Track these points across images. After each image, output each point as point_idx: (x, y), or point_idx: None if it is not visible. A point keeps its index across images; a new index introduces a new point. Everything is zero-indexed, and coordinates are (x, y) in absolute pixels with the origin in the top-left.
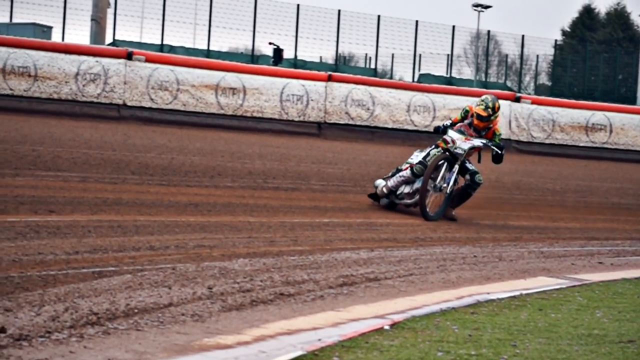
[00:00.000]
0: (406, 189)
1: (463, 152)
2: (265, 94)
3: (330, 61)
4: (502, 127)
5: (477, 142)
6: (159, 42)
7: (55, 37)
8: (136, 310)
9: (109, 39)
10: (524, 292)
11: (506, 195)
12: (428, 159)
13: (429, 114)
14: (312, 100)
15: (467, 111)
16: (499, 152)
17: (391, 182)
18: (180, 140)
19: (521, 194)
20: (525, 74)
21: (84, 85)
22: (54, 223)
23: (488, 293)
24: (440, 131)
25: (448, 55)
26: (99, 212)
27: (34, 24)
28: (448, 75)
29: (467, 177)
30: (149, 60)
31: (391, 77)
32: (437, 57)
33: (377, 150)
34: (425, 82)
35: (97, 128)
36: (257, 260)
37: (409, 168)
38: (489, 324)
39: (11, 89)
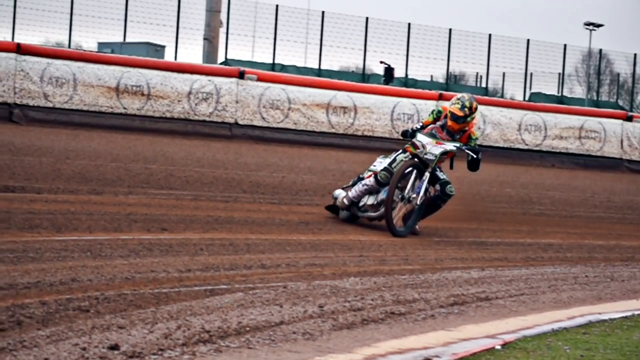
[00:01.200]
0: (370, 200)
1: (434, 158)
2: (376, 112)
3: (441, 80)
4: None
5: (450, 146)
6: (271, 61)
7: (168, 56)
8: (248, 328)
9: (221, 58)
10: (637, 312)
11: (618, 215)
12: (394, 165)
13: (540, 133)
14: (423, 119)
15: (440, 112)
16: (475, 156)
17: (352, 193)
18: (291, 158)
19: (633, 213)
20: (637, 93)
21: (196, 104)
22: (166, 241)
23: (600, 313)
24: (409, 135)
25: (559, 74)
26: (211, 230)
27: (147, 43)
28: (559, 94)
29: (437, 187)
30: (260, 79)
31: (502, 96)
32: (548, 75)
33: (488, 169)
34: (536, 101)
35: (209, 146)
36: (368, 279)
37: (373, 176)
38: (600, 344)
39: (125, 108)
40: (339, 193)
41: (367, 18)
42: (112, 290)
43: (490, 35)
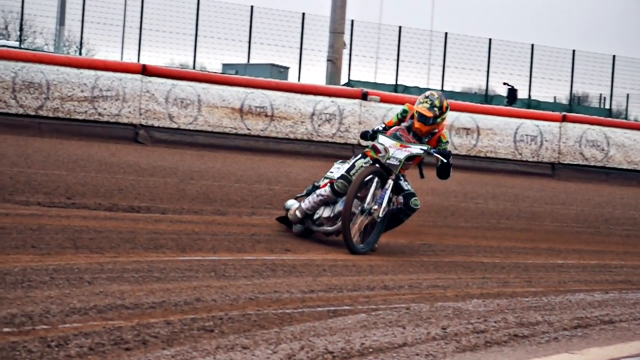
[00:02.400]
0: (325, 212)
1: (398, 164)
2: (499, 134)
3: (564, 101)
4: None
5: (417, 149)
6: (393, 83)
7: (292, 78)
8: (371, 350)
9: (344, 79)
10: None
11: None
12: (353, 172)
13: None
14: (546, 140)
15: (405, 111)
16: (445, 161)
17: (306, 204)
18: (414, 180)
19: None
20: None
21: (319, 125)
22: (289, 262)
23: None
24: (369, 137)
25: None
26: (333, 251)
27: (271, 64)
28: None
29: (400, 199)
30: (383, 100)
31: (626, 118)
32: None
33: (612, 191)
34: None
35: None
36: (491, 301)
37: (329, 185)
38: None
39: (248, 129)
40: (292, 204)
41: (490, 39)
42: (236, 311)
43: (614, 56)
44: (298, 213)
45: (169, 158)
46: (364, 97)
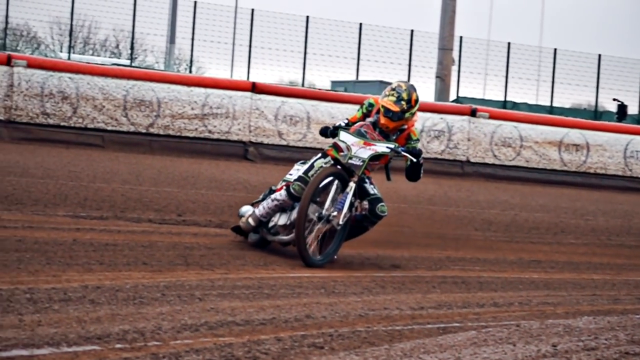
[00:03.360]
0: (281, 219)
1: (361, 164)
2: (609, 150)
3: None
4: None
5: (382, 147)
6: (502, 99)
7: None
8: None
9: (452, 95)
10: None
11: None
12: (311, 173)
13: None
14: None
15: (371, 105)
16: (414, 160)
17: (260, 210)
18: (524, 196)
19: None
20: None
21: (428, 142)
22: (398, 278)
23: None
24: (329, 133)
25: None
26: (443, 267)
27: (379, 81)
28: None
29: (365, 204)
30: (492, 116)
31: None
32: None
33: None
34: None
35: (440, 184)
36: (602, 318)
37: (284, 188)
38: None
39: None
40: (246, 210)
41: (599, 55)
42: (346, 327)
43: None
44: (251, 220)
45: (278, 175)
46: (473, 113)
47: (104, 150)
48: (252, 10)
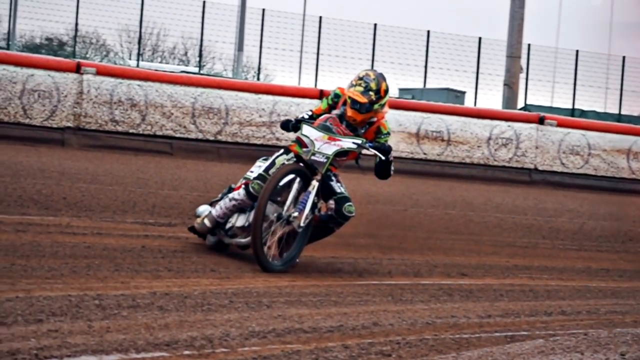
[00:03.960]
0: (239, 221)
1: (325, 161)
2: None
3: None
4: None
5: (349, 143)
6: (570, 107)
7: (468, 102)
8: None
9: (520, 103)
10: None
11: None
12: (272, 171)
13: None
14: None
15: (337, 95)
16: (383, 158)
17: (217, 210)
18: (592, 204)
19: None
20: None
21: (495, 150)
22: (466, 286)
23: None
24: (291, 127)
25: None
26: (511, 276)
27: (447, 89)
28: None
29: (331, 203)
30: (560, 124)
31: None
32: None
33: None
34: None
35: (508, 192)
36: None
37: (243, 186)
38: None
39: (424, 153)
40: (203, 210)
41: None
42: (413, 335)
43: None
44: (207, 222)
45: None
46: (541, 121)
47: (172, 158)
48: (320, 17)
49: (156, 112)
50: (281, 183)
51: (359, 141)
